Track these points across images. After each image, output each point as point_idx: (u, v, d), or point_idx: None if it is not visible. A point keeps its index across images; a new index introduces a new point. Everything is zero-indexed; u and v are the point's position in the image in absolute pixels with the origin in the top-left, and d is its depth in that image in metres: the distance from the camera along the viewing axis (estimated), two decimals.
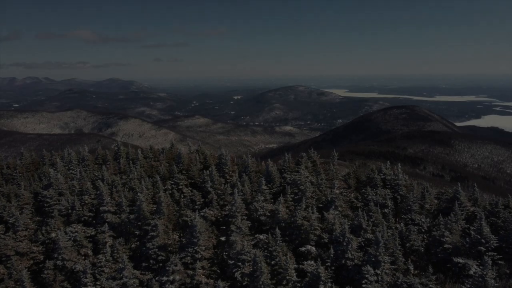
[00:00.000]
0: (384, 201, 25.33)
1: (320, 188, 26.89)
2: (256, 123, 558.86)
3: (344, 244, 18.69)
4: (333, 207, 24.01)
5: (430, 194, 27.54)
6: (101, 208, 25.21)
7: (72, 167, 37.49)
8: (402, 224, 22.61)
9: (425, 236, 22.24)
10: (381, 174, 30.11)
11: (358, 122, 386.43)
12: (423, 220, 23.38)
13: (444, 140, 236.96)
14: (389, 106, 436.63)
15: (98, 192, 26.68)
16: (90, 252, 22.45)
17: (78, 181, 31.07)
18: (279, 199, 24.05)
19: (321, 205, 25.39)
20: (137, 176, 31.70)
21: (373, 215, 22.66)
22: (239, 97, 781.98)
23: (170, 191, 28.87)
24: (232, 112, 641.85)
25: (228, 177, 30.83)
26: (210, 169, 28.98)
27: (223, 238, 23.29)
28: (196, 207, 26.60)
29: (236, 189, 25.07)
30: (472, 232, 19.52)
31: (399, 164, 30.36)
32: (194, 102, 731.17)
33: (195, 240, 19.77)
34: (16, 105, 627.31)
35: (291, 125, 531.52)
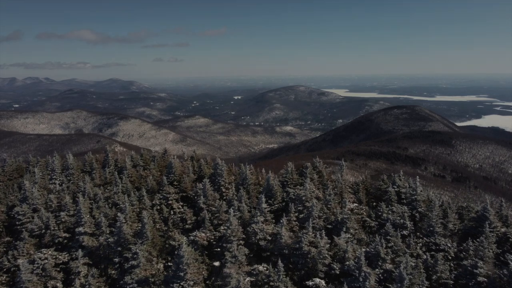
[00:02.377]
0: (402, 221, 22.12)
1: (329, 205, 23.53)
2: (257, 123, 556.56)
3: (361, 279, 15.68)
4: (344, 229, 20.84)
5: (452, 210, 24.04)
6: (77, 230, 22.06)
7: (54, 176, 34.02)
8: (424, 250, 19.43)
9: (452, 265, 19.03)
10: (395, 187, 26.53)
11: (358, 122, 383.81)
12: (449, 244, 20.05)
13: (445, 140, 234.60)
14: (390, 106, 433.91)
15: (78, 207, 23.56)
16: (59, 285, 19.28)
17: (56, 195, 27.71)
18: (281, 220, 20.72)
19: (329, 226, 22.14)
20: (122, 189, 28.43)
21: (391, 240, 19.44)
22: (239, 97, 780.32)
23: (159, 207, 25.69)
24: (233, 112, 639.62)
25: (224, 190, 27.59)
26: (203, 181, 25.69)
27: (217, 263, 20.24)
28: (187, 226, 23.52)
29: (232, 208, 21.85)
30: (511, 262, 16.42)
31: (417, 177, 26.94)
32: (195, 102, 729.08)
33: (182, 274, 16.72)
34: (16, 106, 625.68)
35: (291, 125, 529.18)
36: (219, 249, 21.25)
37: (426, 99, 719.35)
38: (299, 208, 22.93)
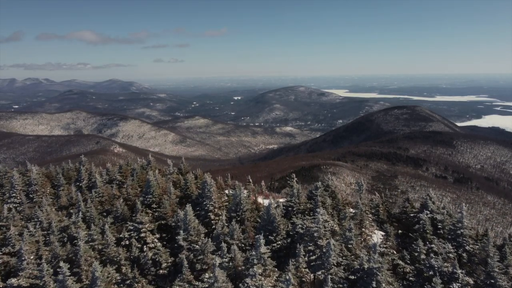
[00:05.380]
0: (452, 269, 16.19)
1: (350, 245, 18.06)
2: (256, 124, 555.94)
3: None
4: (373, 283, 15.59)
5: (511, 248, 18.51)
6: (8, 282, 16.88)
7: (14, 194, 27.63)
8: None
9: None
10: (428, 212, 21.04)
11: (358, 122, 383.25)
12: None
13: (446, 140, 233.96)
14: (390, 106, 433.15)
15: (20, 245, 18.59)
16: None
17: (4, 222, 22.35)
18: (286, 271, 15.50)
19: (352, 277, 16.51)
20: (85, 215, 23.02)
21: None
22: (239, 98, 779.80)
23: (127, 241, 20.10)
24: (232, 113, 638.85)
25: (212, 217, 21.97)
26: (185, 209, 20.08)
27: None
28: (161, 271, 18.17)
29: (218, 256, 16.85)
30: None
31: (463, 204, 22.59)
32: (194, 102, 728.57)
33: None
34: (16, 107, 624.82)
35: (291, 126, 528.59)
36: None
37: (426, 99, 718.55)
38: (309, 247, 17.60)
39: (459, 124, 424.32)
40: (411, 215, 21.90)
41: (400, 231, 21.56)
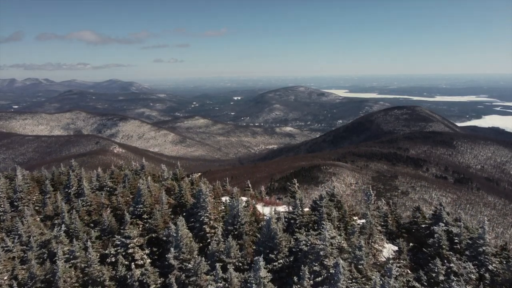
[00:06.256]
0: None
1: (360, 266, 16.10)
2: (256, 124, 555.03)
3: None
4: None
5: None
6: None
7: None
8: None
9: None
10: (442, 224, 19.11)
11: (358, 122, 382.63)
12: None
13: (446, 141, 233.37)
14: (390, 106, 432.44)
15: None
16: None
17: None
18: None
19: None
20: (69, 228, 21.16)
21: None
22: (239, 98, 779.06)
23: (114, 257, 18.28)
24: (232, 113, 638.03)
25: (208, 230, 20.25)
26: (177, 223, 18.25)
27: None
28: None
29: (213, 276, 15.30)
30: None
31: (485, 217, 20.00)
32: (194, 103, 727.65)
33: None
34: (16, 107, 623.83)
35: (291, 126, 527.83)
36: None
37: (426, 100, 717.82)
38: (315, 267, 15.87)
39: (459, 124, 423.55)
40: (423, 226, 19.78)
41: (411, 244, 19.56)
